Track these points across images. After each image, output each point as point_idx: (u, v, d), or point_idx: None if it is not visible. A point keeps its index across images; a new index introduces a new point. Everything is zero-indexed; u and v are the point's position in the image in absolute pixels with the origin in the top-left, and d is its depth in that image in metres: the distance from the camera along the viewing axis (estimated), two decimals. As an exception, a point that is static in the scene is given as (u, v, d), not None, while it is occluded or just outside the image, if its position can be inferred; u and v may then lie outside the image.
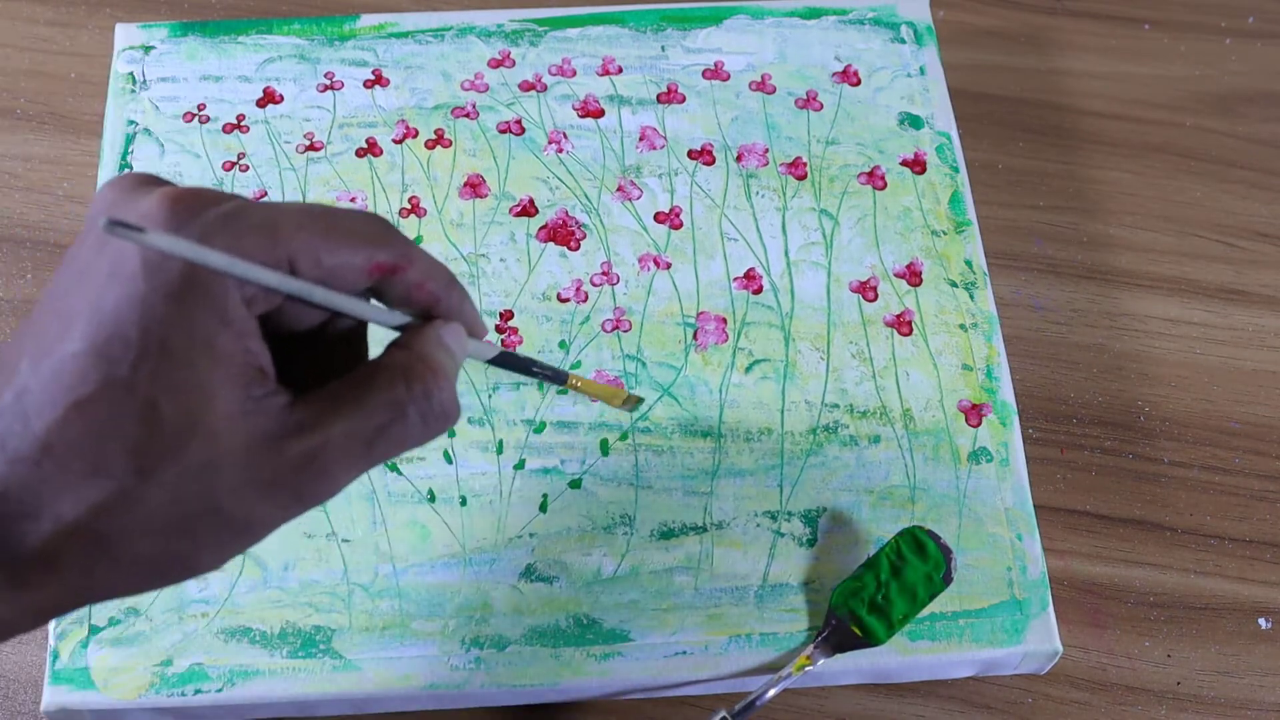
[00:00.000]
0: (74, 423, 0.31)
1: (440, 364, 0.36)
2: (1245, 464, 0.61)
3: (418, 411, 0.35)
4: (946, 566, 0.52)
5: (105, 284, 0.32)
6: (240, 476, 0.32)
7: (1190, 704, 0.56)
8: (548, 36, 0.67)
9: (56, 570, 0.32)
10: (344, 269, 0.34)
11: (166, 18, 0.73)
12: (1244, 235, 0.68)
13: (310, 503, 0.34)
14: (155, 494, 0.32)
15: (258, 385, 0.33)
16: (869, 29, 0.68)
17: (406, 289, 0.36)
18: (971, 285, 0.61)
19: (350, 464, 0.34)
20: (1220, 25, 0.76)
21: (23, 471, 0.31)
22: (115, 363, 0.31)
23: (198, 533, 0.32)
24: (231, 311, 0.32)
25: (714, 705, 0.53)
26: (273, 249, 0.33)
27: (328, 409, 0.34)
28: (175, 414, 0.32)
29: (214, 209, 0.33)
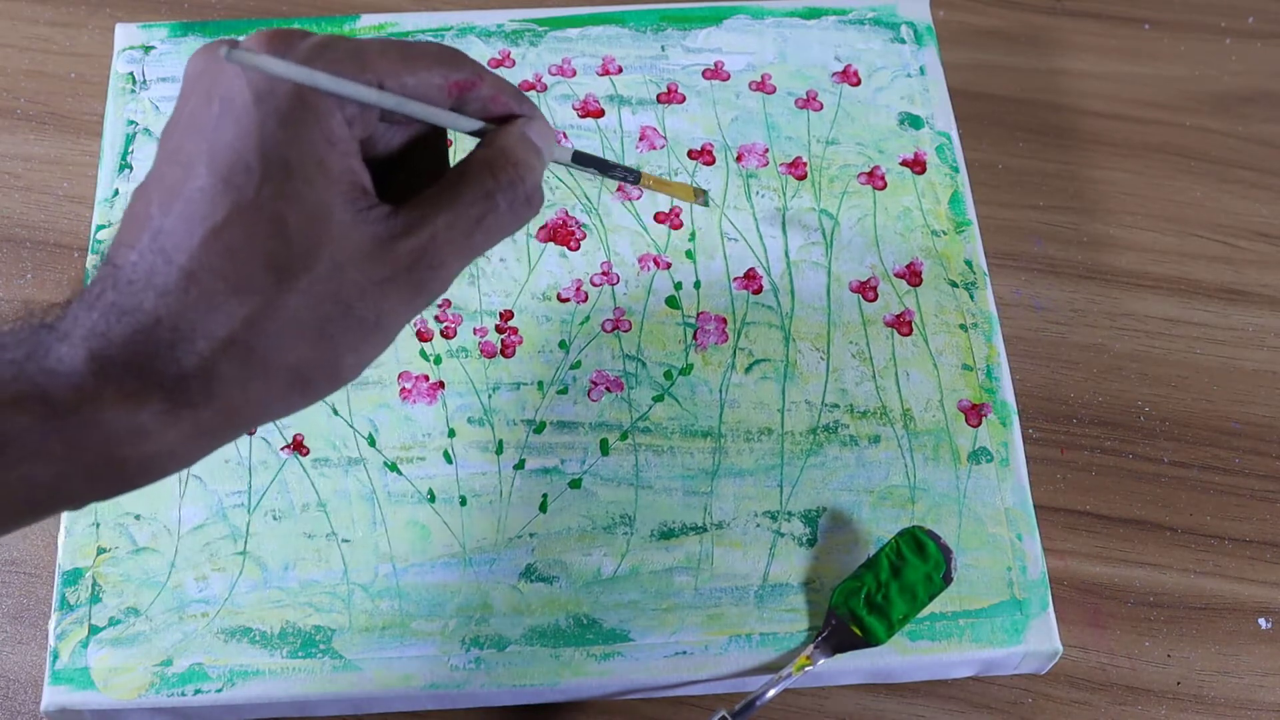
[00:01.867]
0: (212, 248, 0.34)
1: (521, 155, 0.39)
2: (1245, 464, 0.61)
3: (505, 199, 0.38)
4: (946, 566, 0.52)
5: (218, 123, 0.35)
6: (364, 277, 0.36)
7: (1190, 704, 0.56)
8: (548, 36, 0.67)
9: (215, 387, 0.34)
10: (425, 88, 0.38)
11: (166, 18, 0.73)
12: (1244, 235, 0.68)
13: (429, 293, 0.37)
14: (294, 301, 0.35)
15: (362, 199, 0.36)
16: (869, 29, 0.68)
17: (482, 103, 0.40)
18: (971, 285, 0.61)
19: (456, 253, 0.37)
20: (1220, 25, 0.76)
21: (172, 301, 0.34)
22: (241, 188, 0.34)
23: (335, 334, 0.36)
24: (337, 131, 0.36)
25: (714, 705, 0.53)
26: (363, 72, 0.36)
27: (427, 210, 0.37)
28: (301, 226, 0.35)
29: (305, 40, 0.36)
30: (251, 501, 0.55)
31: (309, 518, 0.55)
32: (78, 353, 0.33)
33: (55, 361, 0.33)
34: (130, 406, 0.33)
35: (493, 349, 0.59)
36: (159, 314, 0.34)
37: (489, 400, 0.57)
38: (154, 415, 0.34)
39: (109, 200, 0.62)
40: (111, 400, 0.33)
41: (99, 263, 0.36)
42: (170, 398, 0.34)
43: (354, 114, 0.36)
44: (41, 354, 0.33)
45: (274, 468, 0.55)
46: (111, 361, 0.33)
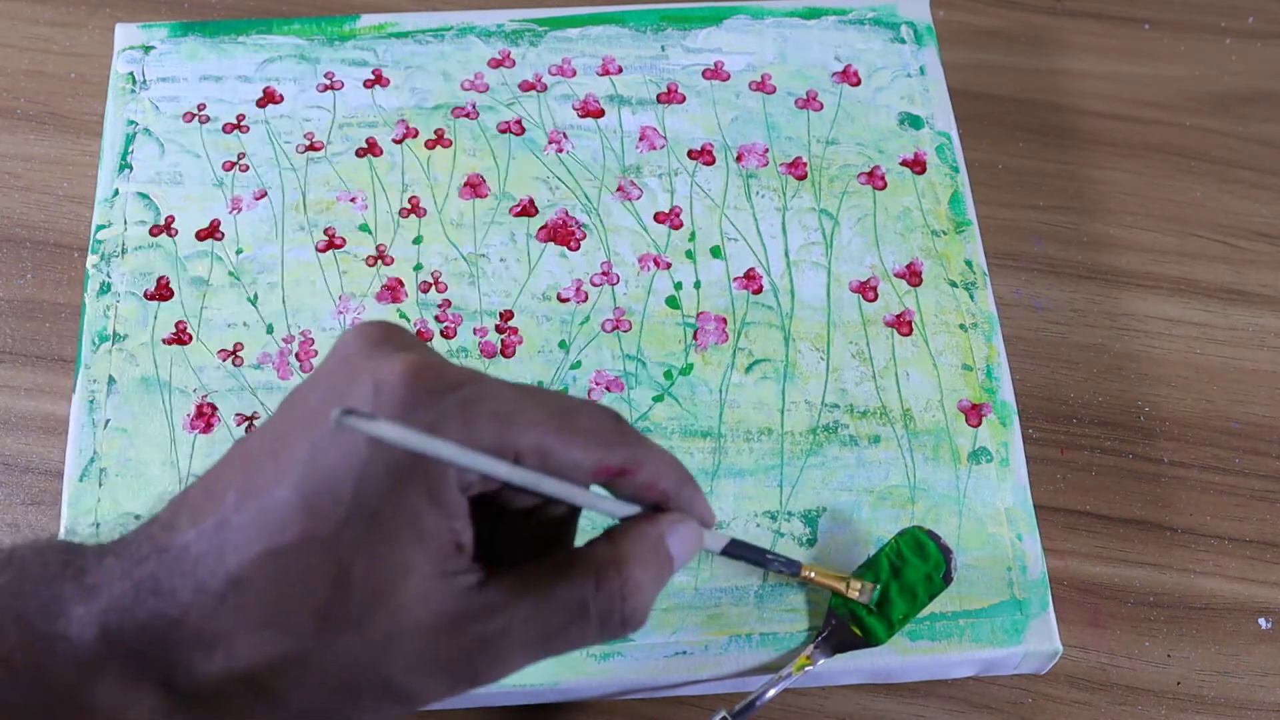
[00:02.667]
0: (266, 568, 0.31)
1: (638, 570, 0.35)
2: (1245, 464, 0.61)
3: (599, 615, 0.34)
4: (946, 566, 0.52)
5: (329, 438, 0.32)
6: (416, 654, 0.32)
7: (1190, 704, 0.56)
8: (548, 36, 0.67)
9: (218, 707, 0.32)
10: (571, 469, 0.34)
11: (166, 18, 0.73)
12: (1244, 235, 0.68)
13: (479, 683, 0.34)
14: (330, 659, 0.32)
15: (452, 560, 0.33)
16: (869, 29, 0.68)
17: (635, 489, 0.36)
18: (971, 285, 0.61)
19: (526, 653, 0.34)
20: (1220, 25, 0.76)
21: (206, 603, 0.31)
22: (321, 520, 0.31)
23: (361, 698, 0.33)
24: (447, 495, 0.32)
25: (714, 705, 0.53)
26: (502, 440, 0.33)
27: (513, 595, 0.33)
28: (367, 584, 0.31)
29: (452, 393, 0.33)
30: (251, 501, 0.55)
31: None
32: (91, 624, 0.31)
33: (64, 628, 0.31)
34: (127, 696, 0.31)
35: (493, 349, 0.59)
36: (189, 609, 0.31)
37: (489, 400, 0.57)
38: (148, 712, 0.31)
39: (109, 200, 0.62)
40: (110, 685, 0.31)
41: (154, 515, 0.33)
42: (170, 700, 0.31)
43: (474, 478, 0.33)
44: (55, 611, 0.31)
45: (274, 468, 0.55)
46: (123, 644, 0.31)
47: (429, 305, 0.60)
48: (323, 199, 0.62)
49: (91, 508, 0.54)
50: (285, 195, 0.62)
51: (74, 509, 0.54)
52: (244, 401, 0.57)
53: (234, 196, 0.62)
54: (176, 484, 0.55)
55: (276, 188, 0.63)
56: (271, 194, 0.62)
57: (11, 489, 0.59)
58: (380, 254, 0.61)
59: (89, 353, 0.58)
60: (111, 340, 0.58)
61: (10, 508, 0.58)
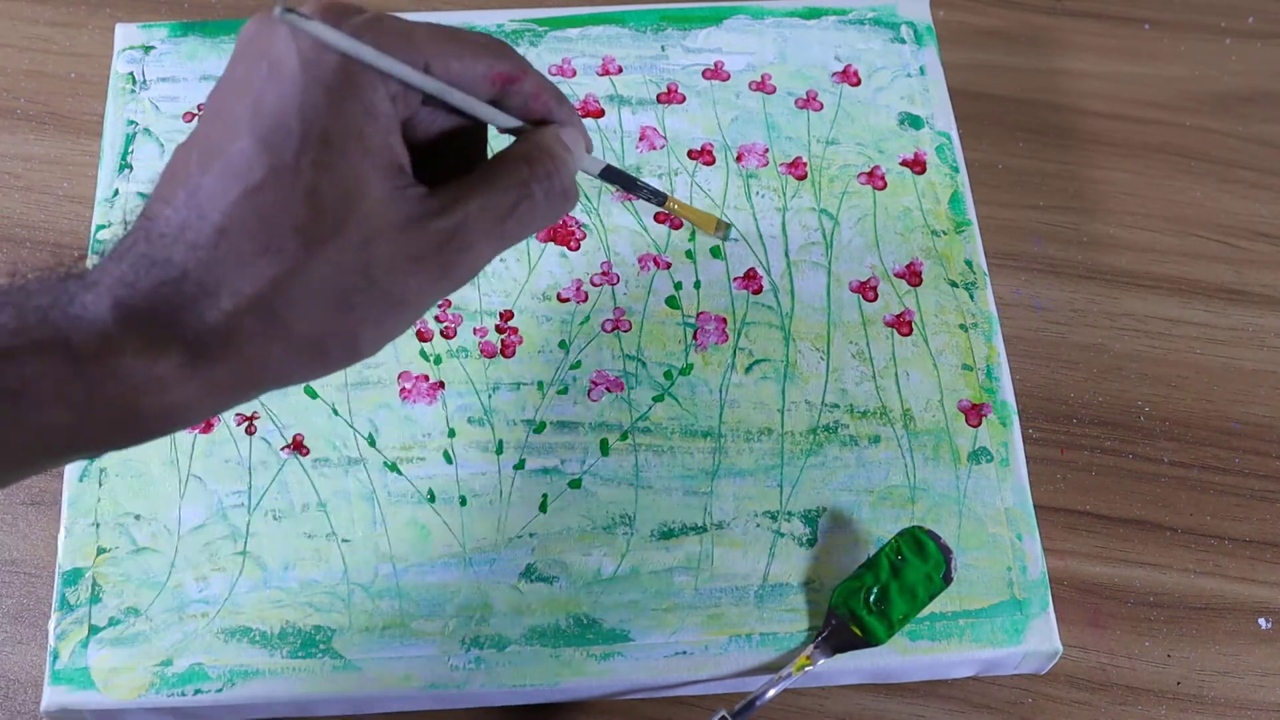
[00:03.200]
0: (245, 208, 0.34)
1: (557, 151, 0.40)
2: (1245, 464, 0.61)
3: (542, 190, 0.39)
4: (946, 566, 0.52)
5: (265, 85, 0.35)
6: (393, 252, 0.36)
7: (1190, 704, 0.56)
8: (548, 36, 0.67)
9: (234, 346, 0.35)
10: (469, 75, 0.39)
11: (167, 18, 0.73)
12: (1244, 235, 0.68)
13: (457, 277, 0.38)
14: (320, 269, 0.35)
15: (399, 177, 0.37)
16: (869, 29, 0.68)
17: (524, 99, 0.40)
18: (971, 285, 0.61)
19: (488, 239, 0.38)
20: (1220, 25, 0.76)
21: (201, 255, 0.34)
22: (280, 152, 0.35)
23: (358, 306, 0.36)
24: (379, 106, 0.36)
25: (714, 705, 0.53)
26: (410, 52, 0.37)
27: (462, 193, 0.38)
28: (334, 196, 0.35)
29: (357, 15, 0.37)
30: (251, 501, 0.55)
31: (309, 518, 0.55)
32: (103, 301, 0.34)
33: (80, 308, 0.34)
34: (151, 357, 0.34)
35: (493, 349, 0.59)
36: (187, 267, 0.34)
37: (489, 400, 0.57)
38: (173, 367, 0.34)
39: (109, 200, 0.62)
40: (133, 350, 0.34)
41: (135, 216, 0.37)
42: (191, 351, 0.34)
43: (397, 92, 0.37)
44: (66, 300, 0.34)
45: (274, 468, 0.55)
46: (136, 311, 0.34)
47: (429, 305, 0.60)
48: (323, 199, 0.62)
49: (91, 508, 0.54)
50: (285, 195, 0.62)
51: (74, 509, 0.54)
52: (244, 401, 0.57)
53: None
54: (176, 484, 0.55)
55: (276, 188, 0.62)
56: (271, 194, 0.62)
57: (11, 489, 0.59)
58: (380, 254, 0.61)
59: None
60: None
61: (10, 508, 0.58)
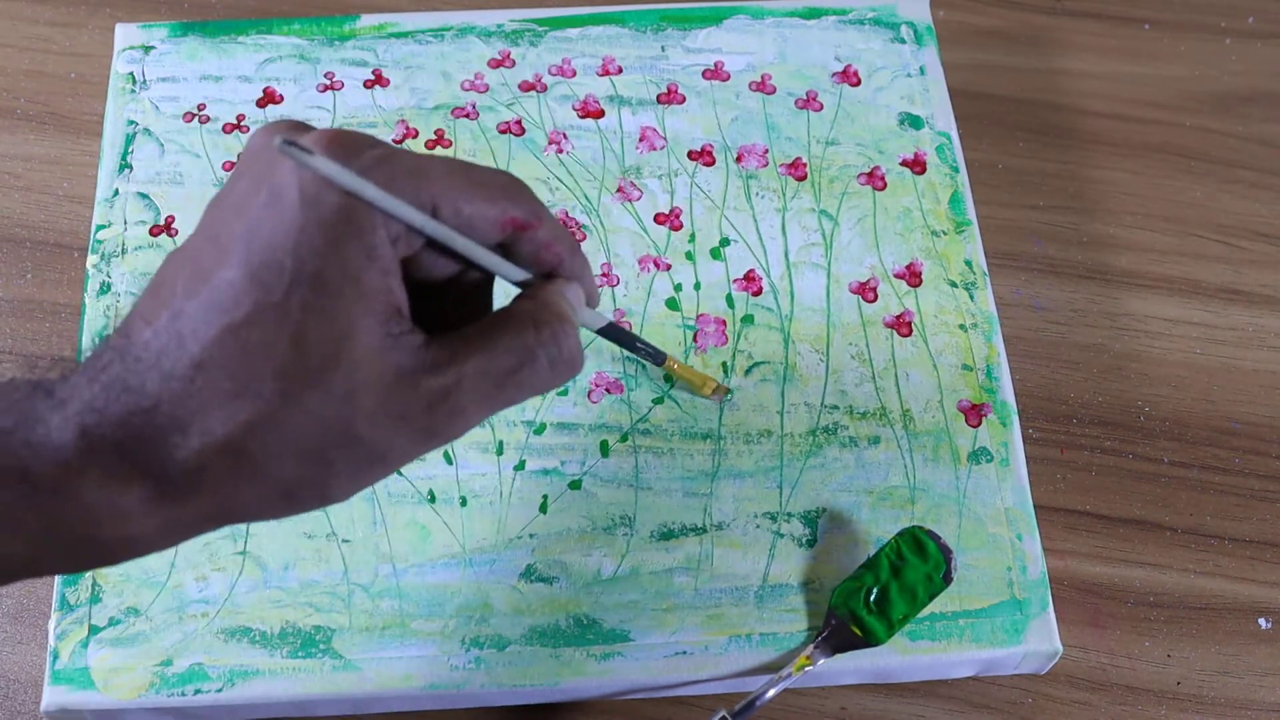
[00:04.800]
0: (227, 343, 0.33)
1: (566, 313, 0.38)
2: (1245, 464, 0.61)
3: (546, 356, 0.37)
4: (946, 566, 0.52)
5: (262, 214, 0.33)
6: (378, 407, 0.34)
7: (1190, 704, 0.56)
8: (548, 36, 0.67)
9: (202, 485, 0.33)
10: (480, 220, 0.36)
11: (166, 18, 0.73)
12: (1244, 235, 0.68)
13: (441, 438, 0.35)
14: (298, 417, 0.33)
15: (396, 323, 0.35)
16: (869, 29, 0.68)
17: (535, 248, 0.38)
18: (971, 285, 0.61)
19: (481, 403, 0.36)
20: (1220, 25, 0.76)
21: (176, 388, 0.33)
22: (269, 289, 0.33)
23: (334, 459, 0.34)
24: (379, 249, 0.34)
25: (714, 705, 0.53)
26: (418, 193, 0.35)
27: (460, 349, 0.35)
28: (322, 341, 0.33)
29: (367, 151, 0.35)
30: (251, 502, 0.55)
31: (309, 518, 0.55)
32: (69, 427, 0.32)
33: (44, 433, 0.32)
34: (114, 489, 0.32)
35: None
36: (160, 398, 0.32)
37: (489, 400, 0.57)
38: (137, 502, 0.33)
39: (109, 200, 0.62)
40: (96, 481, 0.32)
41: (111, 330, 0.35)
42: (156, 487, 0.33)
43: (400, 232, 0.35)
44: (31, 423, 0.32)
45: (274, 468, 0.55)
46: (102, 440, 0.32)
47: (429, 305, 0.60)
48: (323, 199, 0.62)
49: (92, 508, 0.54)
50: (285, 195, 0.62)
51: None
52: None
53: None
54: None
55: (276, 188, 0.63)
56: (271, 194, 0.62)
57: (12, 489, 0.59)
58: (380, 254, 0.61)
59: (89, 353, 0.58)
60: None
61: (10, 508, 0.58)
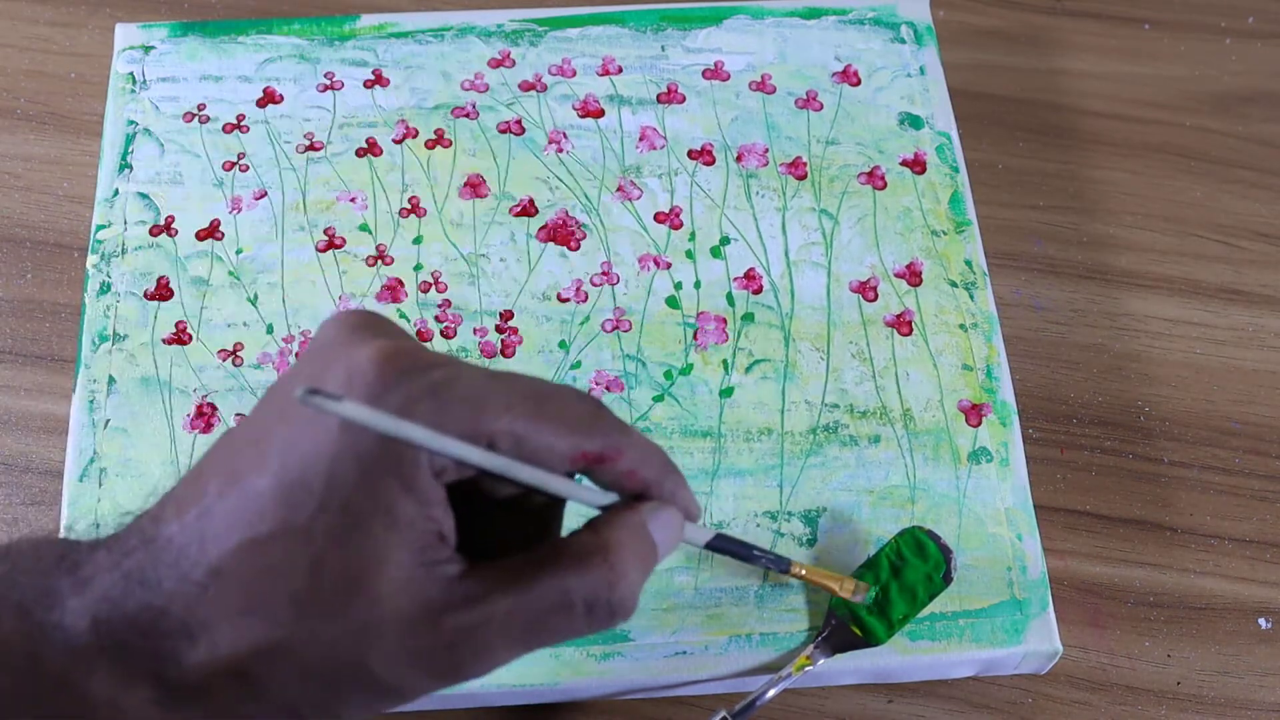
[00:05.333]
0: (245, 558, 0.31)
1: (624, 556, 0.34)
2: (1245, 464, 0.61)
3: (584, 604, 0.34)
4: (946, 566, 0.52)
5: (303, 427, 0.32)
6: (395, 644, 0.32)
7: (1190, 704, 0.56)
8: (548, 36, 0.67)
9: (205, 699, 0.32)
10: (547, 454, 0.34)
11: (166, 18, 0.73)
12: (1244, 235, 0.68)
13: (462, 678, 0.33)
14: (309, 647, 0.32)
15: (433, 550, 0.33)
16: (869, 29, 0.68)
17: (615, 477, 0.35)
18: (971, 285, 0.61)
19: (508, 645, 0.33)
20: (1220, 25, 0.76)
21: (190, 592, 0.31)
22: (296, 510, 0.31)
23: (344, 690, 0.32)
24: (419, 481, 0.32)
25: (714, 705, 0.53)
26: (475, 425, 0.32)
27: (496, 586, 0.33)
28: (341, 573, 0.32)
29: (423, 376, 0.32)
30: (251, 501, 0.55)
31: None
32: (85, 613, 0.31)
33: (59, 619, 0.31)
34: (119, 687, 0.31)
35: (493, 349, 0.59)
36: (173, 599, 0.31)
37: (489, 400, 0.57)
38: (140, 703, 0.31)
39: (109, 200, 0.62)
40: (103, 677, 0.31)
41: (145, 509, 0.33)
42: (160, 690, 0.32)
43: (447, 463, 0.32)
44: (50, 602, 0.31)
45: (274, 468, 0.55)
46: (113, 635, 0.31)
47: (429, 305, 0.60)
48: (323, 199, 0.62)
49: (91, 508, 0.54)
50: (285, 195, 0.62)
51: (74, 509, 0.54)
52: (244, 402, 0.57)
53: (234, 196, 0.62)
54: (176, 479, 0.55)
55: (276, 188, 0.63)
56: (271, 194, 0.62)
57: (11, 489, 0.59)
58: (380, 254, 0.61)
59: (89, 353, 0.58)
60: (111, 340, 0.58)
61: (10, 508, 0.58)
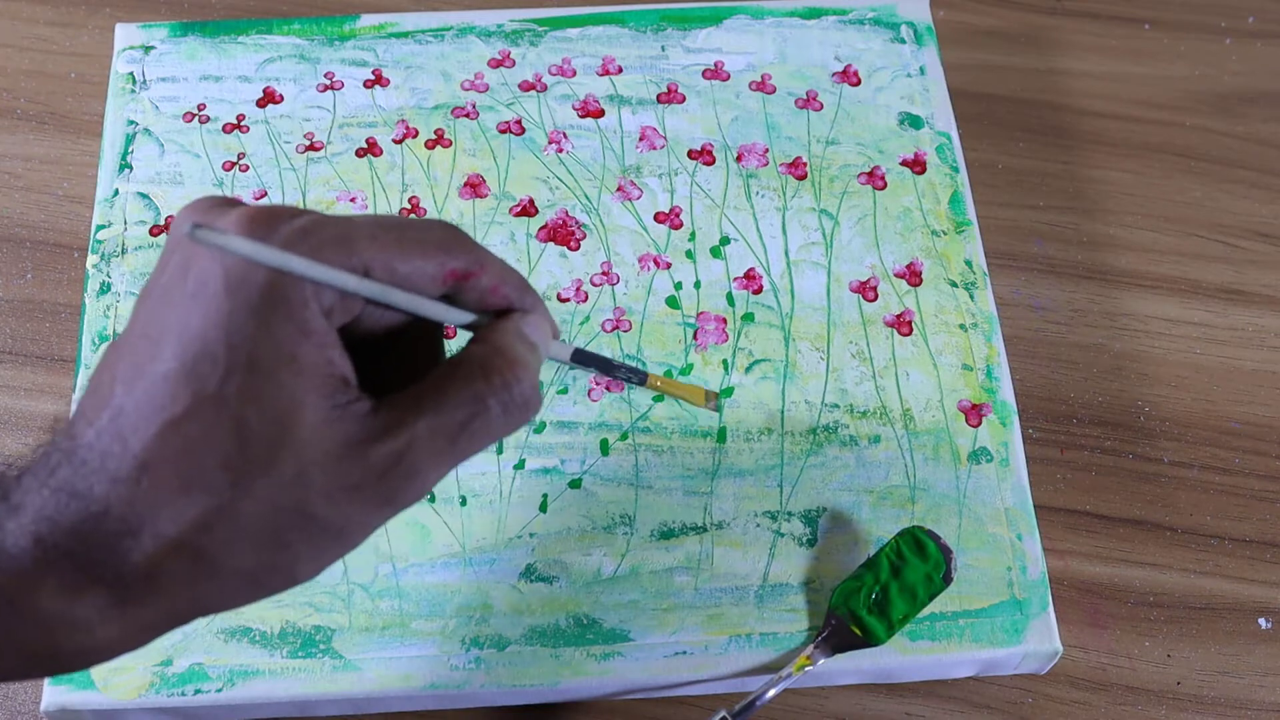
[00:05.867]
0: (168, 440, 0.32)
1: (518, 354, 0.36)
2: (1245, 464, 0.61)
3: (499, 403, 0.35)
4: (946, 566, 0.52)
5: (190, 304, 0.33)
6: (330, 482, 0.33)
7: (1190, 704, 0.56)
8: (548, 36, 0.67)
9: (160, 586, 0.32)
10: (417, 276, 0.35)
11: (166, 18, 0.73)
12: (1244, 235, 0.68)
13: (401, 503, 0.34)
14: (250, 506, 0.32)
15: (341, 393, 0.33)
16: (869, 29, 0.68)
17: (480, 294, 0.37)
18: (971, 285, 0.61)
19: (436, 461, 0.34)
20: (1220, 25, 0.76)
21: (122, 490, 0.32)
22: (204, 380, 0.32)
23: (293, 542, 0.33)
24: (312, 323, 0.33)
25: (714, 705, 0.53)
26: (349, 259, 0.34)
27: (410, 409, 0.34)
28: (264, 427, 0.32)
29: (289, 223, 0.33)
30: (251, 501, 0.55)
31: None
32: (25, 534, 0.31)
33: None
34: (70, 599, 0.31)
35: (491, 346, 0.59)
36: (108, 502, 0.32)
37: (489, 400, 0.57)
38: (94, 609, 0.32)
39: (109, 200, 0.62)
40: (51, 591, 0.31)
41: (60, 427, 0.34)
42: (113, 593, 0.32)
43: (334, 301, 0.34)
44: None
45: (274, 468, 0.55)
46: (56, 548, 0.31)
47: (429, 305, 0.60)
48: (323, 199, 0.62)
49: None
50: (285, 195, 0.62)
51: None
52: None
53: (234, 196, 0.62)
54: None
55: (276, 188, 0.63)
56: (271, 194, 0.62)
57: (11, 489, 0.59)
58: (380, 254, 0.61)
59: (89, 353, 0.58)
60: (111, 340, 0.58)
61: (10, 508, 0.58)
